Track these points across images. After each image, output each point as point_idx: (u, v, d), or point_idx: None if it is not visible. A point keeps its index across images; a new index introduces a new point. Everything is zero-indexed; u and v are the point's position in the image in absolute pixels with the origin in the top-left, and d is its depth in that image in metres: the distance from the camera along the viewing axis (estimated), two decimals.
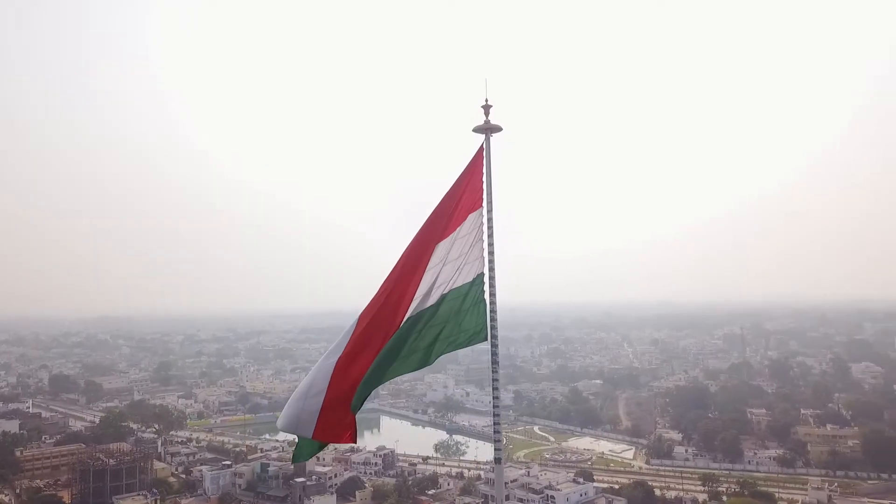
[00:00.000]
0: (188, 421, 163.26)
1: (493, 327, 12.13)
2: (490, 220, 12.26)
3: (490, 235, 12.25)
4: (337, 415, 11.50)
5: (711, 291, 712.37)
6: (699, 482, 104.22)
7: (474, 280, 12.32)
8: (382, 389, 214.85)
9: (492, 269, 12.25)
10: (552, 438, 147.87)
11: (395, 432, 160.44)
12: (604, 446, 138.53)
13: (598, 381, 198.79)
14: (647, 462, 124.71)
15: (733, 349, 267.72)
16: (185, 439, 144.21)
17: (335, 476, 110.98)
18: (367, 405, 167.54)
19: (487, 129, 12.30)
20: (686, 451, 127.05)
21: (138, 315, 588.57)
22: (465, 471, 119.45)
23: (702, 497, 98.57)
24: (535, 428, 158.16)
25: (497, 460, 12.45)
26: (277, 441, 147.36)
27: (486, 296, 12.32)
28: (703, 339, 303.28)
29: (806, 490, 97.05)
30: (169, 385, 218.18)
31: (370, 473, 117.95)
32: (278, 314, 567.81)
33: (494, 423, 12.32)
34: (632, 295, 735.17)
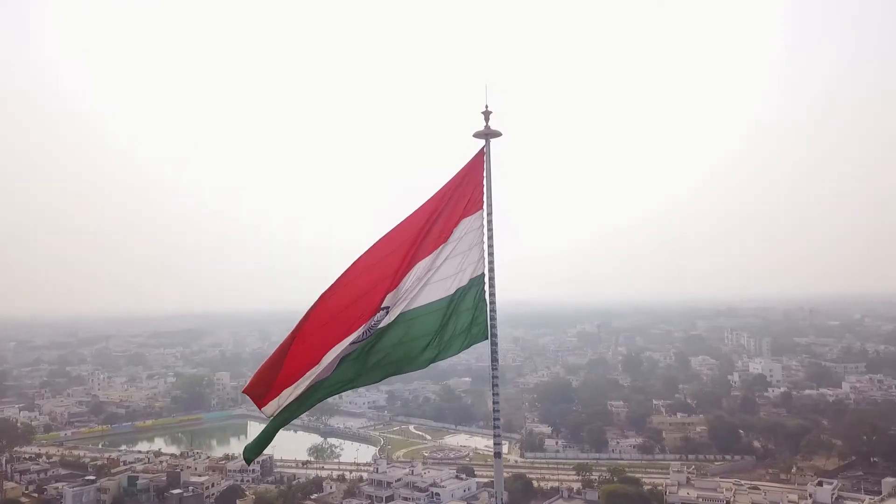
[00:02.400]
0: (35, 435, 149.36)
1: (493, 326, 12.31)
2: (490, 222, 12.50)
3: (490, 237, 12.47)
4: (268, 376, 10.99)
5: (560, 291, 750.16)
6: (573, 472, 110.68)
7: (475, 280, 12.43)
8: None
9: (491, 270, 12.44)
10: (428, 437, 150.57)
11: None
12: (479, 442, 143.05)
13: (467, 379, 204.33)
14: (522, 455, 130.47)
15: (587, 346, 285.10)
16: (33, 455, 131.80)
17: (213, 486, 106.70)
18: (236, 411, 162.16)
19: (487, 135, 12.53)
20: (556, 443, 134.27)
21: None
22: (347, 473, 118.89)
23: (576, 486, 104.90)
24: (411, 427, 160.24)
25: (497, 454, 12.52)
26: (140, 452, 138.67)
27: (486, 296, 12.47)
28: (559, 336, 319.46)
29: (668, 473, 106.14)
30: (6, 397, 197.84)
31: (248, 481, 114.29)
32: (126, 318, 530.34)
33: (494, 420, 12.51)
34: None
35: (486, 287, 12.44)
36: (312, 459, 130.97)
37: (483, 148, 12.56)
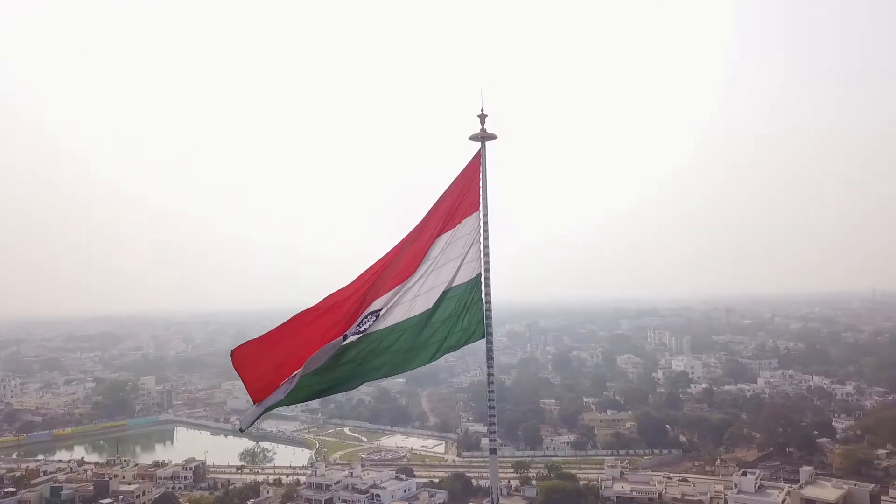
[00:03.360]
0: None
1: (489, 325, 12.80)
2: (486, 223, 12.84)
3: (486, 238, 12.82)
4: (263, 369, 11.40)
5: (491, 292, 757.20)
6: (511, 470, 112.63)
7: (472, 280, 12.83)
8: (176, 399, 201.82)
9: (487, 270, 12.82)
10: (364, 438, 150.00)
11: (194, 443, 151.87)
12: (415, 443, 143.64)
13: (401, 380, 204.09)
14: (459, 455, 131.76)
15: (517, 346, 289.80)
16: None
17: (143, 494, 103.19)
18: (163, 416, 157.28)
19: (483, 138, 12.89)
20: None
21: None
22: (284, 477, 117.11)
23: (515, 483, 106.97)
24: (346, 429, 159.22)
25: (492, 451, 13.04)
26: (62, 462, 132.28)
27: (482, 295, 13.00)
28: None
29: (601, 469, 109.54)
30: None
31: (181, 488, 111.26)
32: (36, 321, 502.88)
33: (490, 416, 13.03)
34: None
35: (483, 287, 12.98)
36: (246, 464, 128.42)
37: (479, 150, 13.05)
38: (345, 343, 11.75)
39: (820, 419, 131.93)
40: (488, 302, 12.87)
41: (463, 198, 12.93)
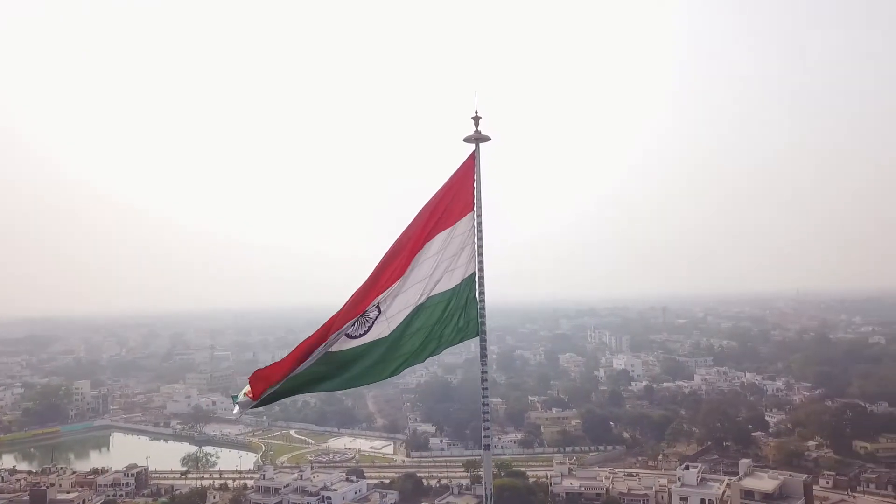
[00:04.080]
0: None
1: (483, 323, 12.81)
2: (480, 223, 12.89)
3: (479, 238, 12.86)
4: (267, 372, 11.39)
5: None
6: (461, 469, 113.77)
7: (467, 279, 12.94)
8: (112, 404, 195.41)
9: (481, 270, 12.87)
10: (311, 441, 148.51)
11: (133, 449, 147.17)
12: (364, 444, 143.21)
13: None
14: (408, 455, 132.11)
15: (461, 345, 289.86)
16: None
17: (84, 502, 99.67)
18: (98, 422, 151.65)
19: (477, 139, 13.00)
20: (441, 441, 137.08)
21: None
22: (230, 482, 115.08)
23: (465, 482, 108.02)
24: (292, 432, 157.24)
25: (486, 447, 13.09)
26: None
27: (476, 294, 13.06)
28: None
29: (549, 466, 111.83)
30: None
31: (123, 496, 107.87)
32: None
33: (483, 413, 13.11)
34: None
35: (477, 286, 13.05)
36: (189, 470, 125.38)
37: (473, 152, 13.18)
38: (344, 347, 11.91)
39: (754, 414, 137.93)
40: (482, 301, 12.96)
41: (457, 199, 13.07)
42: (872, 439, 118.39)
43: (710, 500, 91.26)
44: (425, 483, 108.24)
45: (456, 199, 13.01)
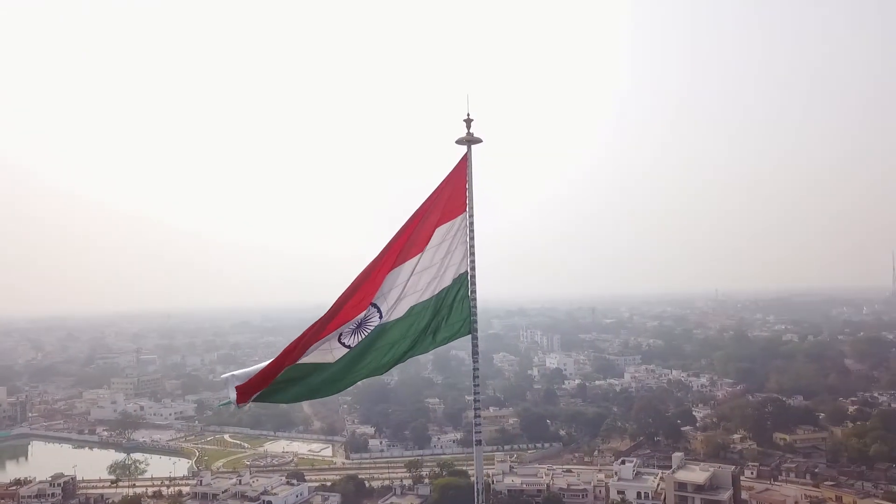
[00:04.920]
0: None
1: (474, 321, 13.13)
2: (471, 223, 13.19)
3: (471, 238, 13.19)
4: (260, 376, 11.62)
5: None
6: (402, 469, 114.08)
7: (459, 278, 13.29)
8: (31, 411, 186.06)
9: (473, 269, 13.20)
10: (247, 445, 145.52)
11: (55, 458, 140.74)
12: (301, 447, 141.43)
13: None
14: (348, 457, 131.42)
15: None
16: None
17: None
18: (16, 430, 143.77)
19: (469, 141, 13.23)
20: (380, 442, 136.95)
21: None
22: (164, 489, 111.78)
23: (408, 482, 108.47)
24: (226, 436, 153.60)
25: (478, 442, 13.58)
26: None
27: (468, 293, 13.28)
28: None
29: (489, 464, 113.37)
30: None
31: None
32: None
33: (475, 409, 13.78)
34: (288, 299, 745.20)
35: (469, 285, 13.53)
36: (119, 478, 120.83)
37: (466, 154, 13.57)
38: (343, 350, 12.33)
39: (682, 409, 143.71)
40: (473, 300, 13.38)
41: (451, 200, 13.42)
42: (791, 431, 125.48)
43: (645, 493, 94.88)
44: (367, 484, 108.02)
45: (450, 200, 13.38)
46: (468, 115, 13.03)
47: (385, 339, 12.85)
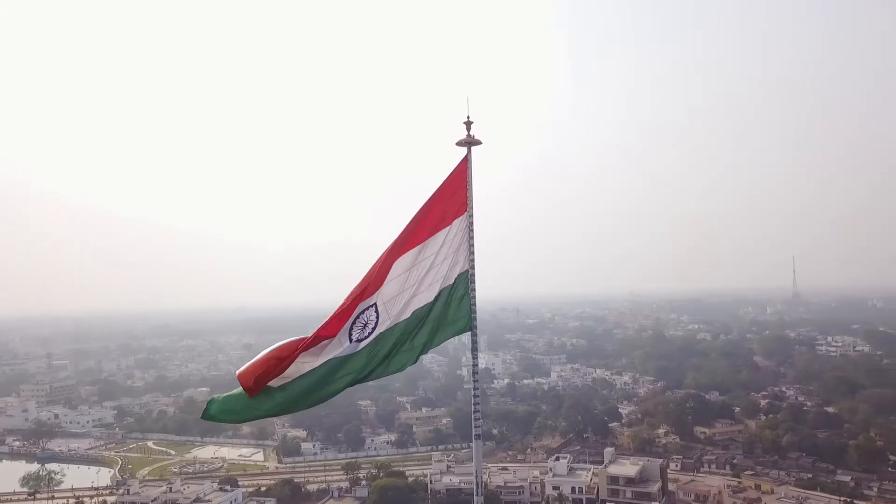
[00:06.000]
0: None
1: (474, 319, 13.42)
2: (471, 223, 13.51)
3: (471, 237, 13.51)
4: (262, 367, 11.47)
5: (279, 297, 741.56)
6: (340, 471, 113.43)
7: (461, 276, 13.56)
8: None
9: (472, 267, 13.51)
10: (173, 452, 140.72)
11: None
12: (231, 452, 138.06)
13: (205, 389, 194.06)
14: (281, 461, 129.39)
15: None
16: None
17: None
18: None
19: (469, 143, 13.49)
20: (313, 446, 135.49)
21: None
22: (87, 499, 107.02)
23: (345, 485, 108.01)
24: (150, 443, 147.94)
25: (476, 437, 13.66)
26: None
27: (469, 290, 13.50)
28: None
29: (424, 465, 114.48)
30: None
31: None
32: None
33: (474, 404, 13.92)
34: (200, 301, 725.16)
35: (470, 282, 13.86)
36: (35, 490, 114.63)
37: (466, 155, 13.90)
38: (343, 355, 12.44)
39: (608, 406, 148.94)
40: (473, 297, 13.67)
41: (452, 201, 13.77)
42: (710, 425, 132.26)
43: (579, 487, 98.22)
44: (304, 488, 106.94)
45: (452, 201, 13.74)
46: (468, 117, 13.34)
47: (393, 338, 13.03)
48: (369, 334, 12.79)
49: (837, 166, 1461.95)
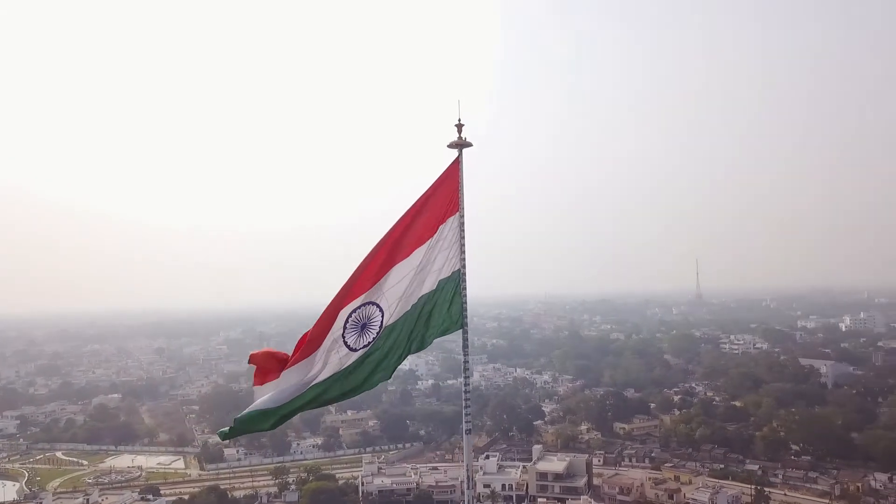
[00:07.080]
0: None
1: (465, 317, 13.71)
2: (462, 223, 13.81)
3: (462, 236, 13.77)
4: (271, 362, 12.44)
5: (198, 300, 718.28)
6: (268, 477, 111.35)
7: (453, 275, 13.80)
8: None
9: (463, 266, 13.83)
10: (85, 462, 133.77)
11: None
12: (150, 461, 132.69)
13: (116, 396, 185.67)
14: (203, 468, 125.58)
15: (237, 353, 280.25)
16: None
17: None
18: None
19: (460, 145, 13.82)
20: (237, 451, 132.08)
21: None
22: None
23: (273, 490, 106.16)
24: (59, 454, 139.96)
25: (467, 431, 14.09)
26: None
27: (461, 288, 13.79)
28: (206, 345, 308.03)
29: (354, 466, 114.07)
30: None
31: None
32: None
33: (465, 399, 14.16)
34: (105, 304, 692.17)
35: (461, 281, 14.24)
36: None
37: (457, 157, 13.91)
38: (353, 355, 12.90)
39: (531, 405, 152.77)
40: (464, 295, 14.04)
41: (444, 201, 14.07)
42: (628, 421, 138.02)
43: (509, 484, 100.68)
44: (230, 495, 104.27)
45: (444, 201, 14.07)
46: (459, 119, 13.59)
47: (391, 338, 13.34)
48: (371, 338, 13.03)
49: (725, 172, 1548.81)
